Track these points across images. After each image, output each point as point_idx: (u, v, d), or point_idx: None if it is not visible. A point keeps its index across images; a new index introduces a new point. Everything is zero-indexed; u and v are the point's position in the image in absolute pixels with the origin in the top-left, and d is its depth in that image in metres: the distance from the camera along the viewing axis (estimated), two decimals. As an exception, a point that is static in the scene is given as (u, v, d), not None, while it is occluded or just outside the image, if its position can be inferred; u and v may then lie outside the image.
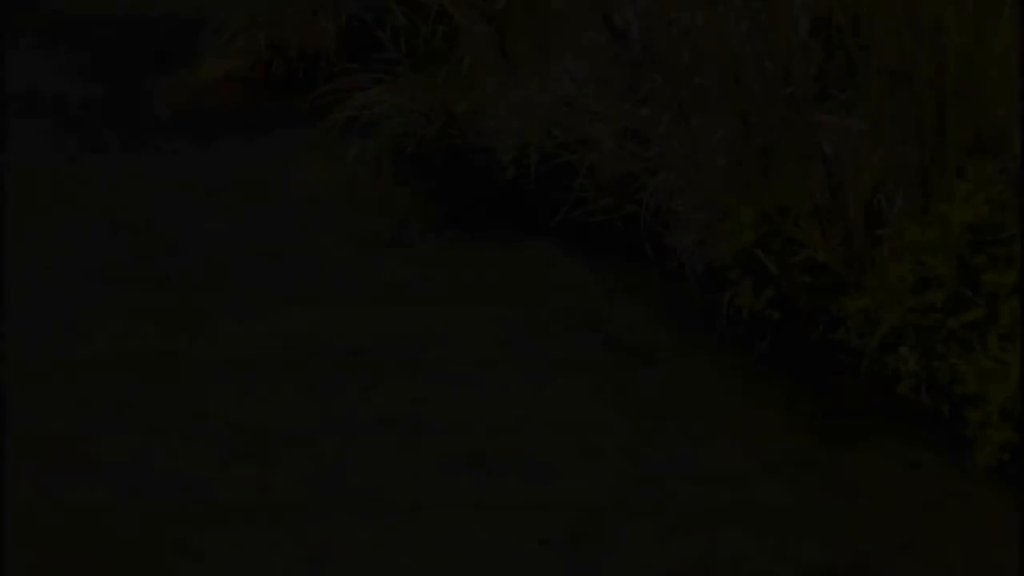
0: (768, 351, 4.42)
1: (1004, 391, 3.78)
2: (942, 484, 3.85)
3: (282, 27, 6.40)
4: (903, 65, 4.17)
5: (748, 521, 3.73)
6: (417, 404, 4.23)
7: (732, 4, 4.70)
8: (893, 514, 3.77)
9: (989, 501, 3.79)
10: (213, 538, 3.69)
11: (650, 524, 3.73)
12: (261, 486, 3.89)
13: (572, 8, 5.24)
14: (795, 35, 4.57)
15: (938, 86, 4.12)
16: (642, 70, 4.94)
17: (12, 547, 3.63)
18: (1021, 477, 3.77)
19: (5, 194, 5.26)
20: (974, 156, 4.11)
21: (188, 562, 3.62)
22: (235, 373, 4.38)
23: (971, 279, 3.95)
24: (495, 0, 5.40)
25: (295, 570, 3.61)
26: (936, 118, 4.14)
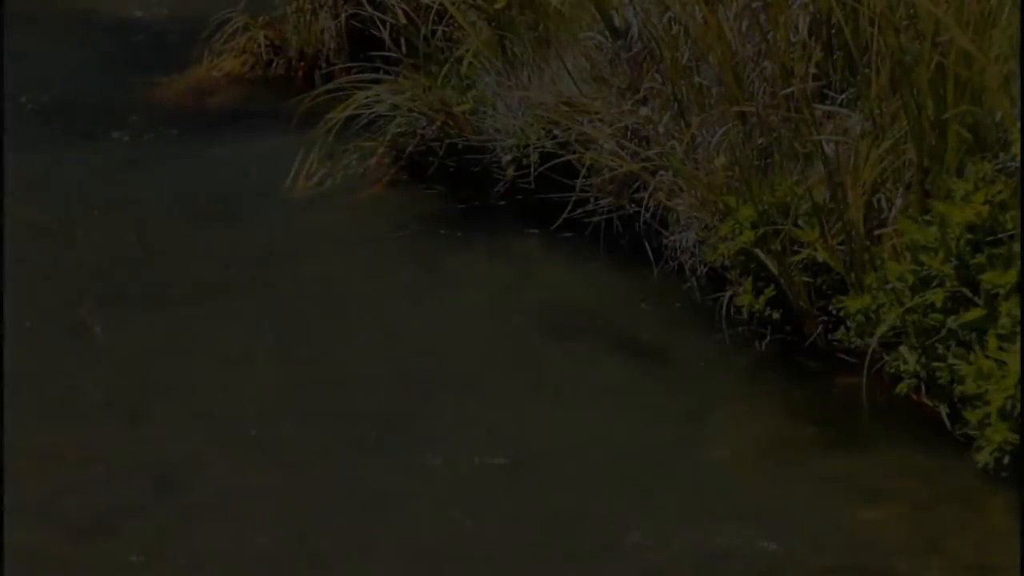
0: (768, 351, 4.42)
1: (1003, 391, 3.77)
2: (941, 484, 3.85)
3: (282, 27, 6.42)
4: (903, 65, 4.18)
5: (748, 520, 3.73)
6: (416, 403, 4.23)
7: (732, 4, 4.70)
8: (892, 514, 3.77)
9: (988, 501, 3.78)
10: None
11: (650, 522, 3.73)
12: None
13: (572, 8, 5.23)
14: (794, 34, 4.57)
15: (938, 86, 4.12)
16: (642, 70, 4.94)
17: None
18: (1020, 477, 3.77)
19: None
20: (974, 156, 4.11)
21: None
22: (233, 375, 4.39)
23: (971, 279, 3.95)
24: (495, 0, 5.39)
25: None
26: (936, 118, 4.14)
